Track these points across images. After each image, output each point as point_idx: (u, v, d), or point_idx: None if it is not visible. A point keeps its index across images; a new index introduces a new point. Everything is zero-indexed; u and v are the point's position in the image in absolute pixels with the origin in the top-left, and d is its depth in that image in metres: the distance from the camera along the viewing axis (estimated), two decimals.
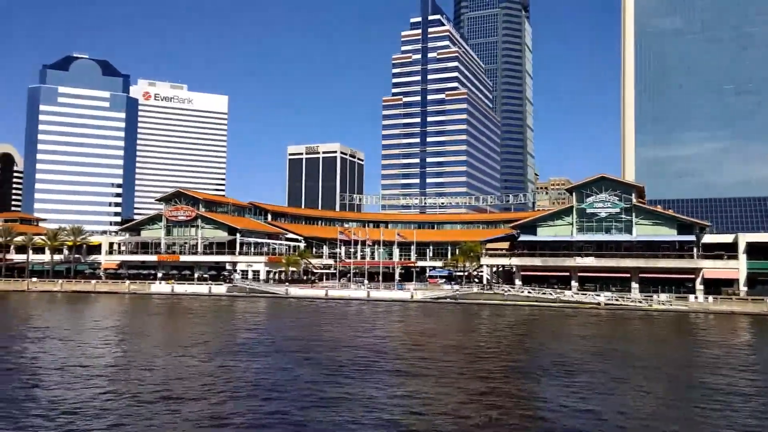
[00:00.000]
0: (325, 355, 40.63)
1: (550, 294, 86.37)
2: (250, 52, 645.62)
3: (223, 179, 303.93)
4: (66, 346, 44.50)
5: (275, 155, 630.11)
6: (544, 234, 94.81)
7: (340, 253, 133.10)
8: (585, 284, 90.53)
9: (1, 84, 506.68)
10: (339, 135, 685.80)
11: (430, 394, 29.64)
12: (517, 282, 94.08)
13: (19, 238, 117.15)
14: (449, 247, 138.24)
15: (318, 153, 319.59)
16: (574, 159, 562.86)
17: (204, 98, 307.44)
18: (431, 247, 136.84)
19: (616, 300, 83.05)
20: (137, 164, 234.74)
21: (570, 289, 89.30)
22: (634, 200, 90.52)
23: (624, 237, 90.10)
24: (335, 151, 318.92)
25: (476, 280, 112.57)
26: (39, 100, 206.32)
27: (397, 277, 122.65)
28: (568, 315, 73.75)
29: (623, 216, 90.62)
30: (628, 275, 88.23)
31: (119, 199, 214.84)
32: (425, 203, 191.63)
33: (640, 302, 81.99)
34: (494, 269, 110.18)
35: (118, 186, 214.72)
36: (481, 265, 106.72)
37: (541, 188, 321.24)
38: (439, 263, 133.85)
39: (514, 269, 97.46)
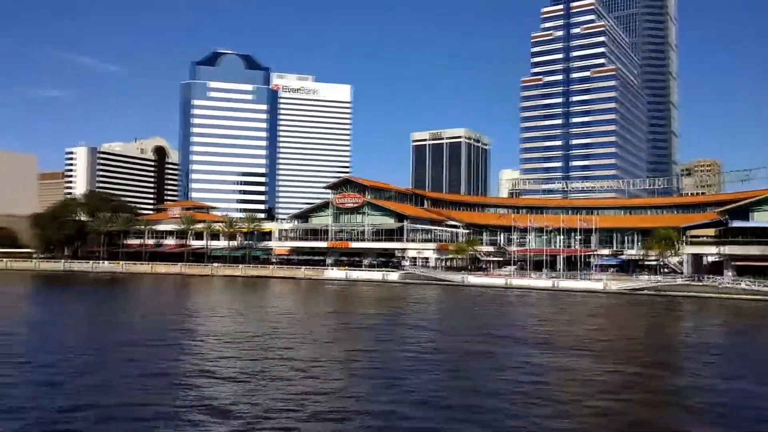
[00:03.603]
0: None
1: None
2: (373, 38, 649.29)
3: (348, 167, 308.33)
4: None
5: (399, 142, 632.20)
6: (762, 219, 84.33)
7: (499, 241, 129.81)
8: None
9: (150, 83, 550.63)
10: (463, 120, 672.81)
11: None
12: (727, 273, 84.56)
13: (199, 226, 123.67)
14: (615, 234, 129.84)
15: (442, 139, 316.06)
16: (722, 138, 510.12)
17: (328, 88, 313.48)
18: (596, 234, 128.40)
19: None
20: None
21: None
22: None
23: None
24: (460, 137, 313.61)
25: (665, 270, 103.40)
26: (191, 95, 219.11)
27: (560, 266, 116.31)
28: None
29: None
30: None
31: (264, 188, 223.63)
32: (569, 188, 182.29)
33: None
34: (686, 258, 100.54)
35: (262, 175, 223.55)
36: (677, 254, 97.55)
37: (685, 170, 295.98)
38: (605, 251, 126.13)
39: (719, 258, 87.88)
